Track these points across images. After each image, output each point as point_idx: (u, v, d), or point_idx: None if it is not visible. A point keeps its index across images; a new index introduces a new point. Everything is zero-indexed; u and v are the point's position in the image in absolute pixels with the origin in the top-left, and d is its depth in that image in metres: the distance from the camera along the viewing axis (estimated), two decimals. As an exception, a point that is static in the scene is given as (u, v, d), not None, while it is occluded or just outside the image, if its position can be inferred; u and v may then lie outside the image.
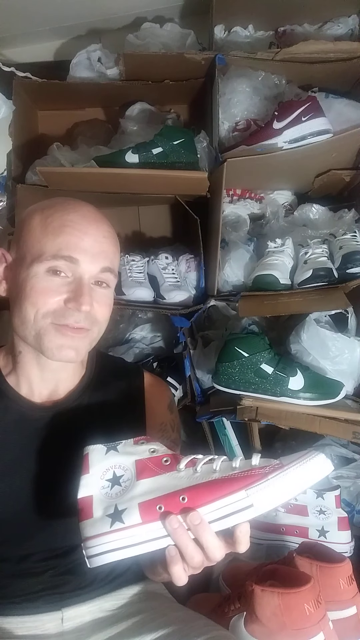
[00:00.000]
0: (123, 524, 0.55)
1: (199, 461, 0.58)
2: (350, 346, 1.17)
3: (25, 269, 0.72)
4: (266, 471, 0.54)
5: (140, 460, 0.59)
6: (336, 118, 1.29)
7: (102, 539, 0.55)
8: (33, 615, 0.72)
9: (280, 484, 0.53)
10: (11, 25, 1.61)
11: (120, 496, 0.56)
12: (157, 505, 0.55)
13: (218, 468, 0.57)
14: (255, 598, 0.78)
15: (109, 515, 0.55)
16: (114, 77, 1.46)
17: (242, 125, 1.40)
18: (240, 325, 1.35)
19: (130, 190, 1.35)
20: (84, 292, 0.71)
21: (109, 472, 0.58)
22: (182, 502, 0.55)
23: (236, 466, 0.56)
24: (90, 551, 0.56)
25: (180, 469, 0.57)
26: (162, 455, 0.59)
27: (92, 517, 0.56)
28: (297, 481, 0.53)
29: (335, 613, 0.84)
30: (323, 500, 1.13)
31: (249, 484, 0.54)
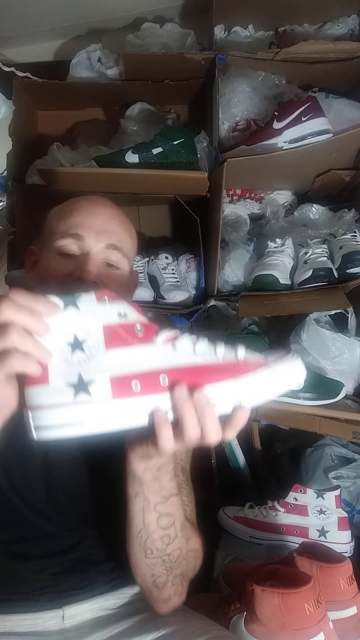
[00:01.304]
0: (90, 396, 0.47)
1: (179, 339, 0.52)
2: (350, 346, 1.17)
3: (43, 254, 0.77)
4: (254, 365, 0.52)
5: (109, 326, 0.50)
6: (336, 118, 1.29)
7: (62, 410, 0.47)
8: (34, 613, 0.72)
9: (267, 380, 0.51)
10: (11, 25, 1.61)
11: (84, 364, 0.48)
12: (132, 381, 0.49)
13: (201, 351, 0.51)
14: (255, 598, 0.77)
15: (71, 384, 0.47)
16: (114, 77, 1.46)
17: (242, 125, 1.40)
18: (240, 325, 1.34)
19: (130, 190, 1.35)
20: (88, 263, 0.72)
21: (69, 333, 0.49)
22: (162, 382, 0.50)
23: (221, 354, 0.52)
24: (43, 422, 0.47)
25: (157, 342, 0.51)
26: (134, 322, 0.51)
27: (48, 383, 0.47)
28: (282, 379, 0.52)
29: (335, 613, 0.84)
30: (323, 500, 1.14)
31: (236, 375, 0.51)
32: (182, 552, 0.67)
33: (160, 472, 0.60)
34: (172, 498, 0.63)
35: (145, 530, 0.63)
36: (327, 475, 1.18)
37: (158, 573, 0.66)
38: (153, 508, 0.62)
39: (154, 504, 0.62)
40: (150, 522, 0.63)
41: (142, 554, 0.65)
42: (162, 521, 0.63)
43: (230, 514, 1.20)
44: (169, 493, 0.62)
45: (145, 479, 0.60)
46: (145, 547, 0.64)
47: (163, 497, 0.62)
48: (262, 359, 0.52)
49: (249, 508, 1.19)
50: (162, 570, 0.66)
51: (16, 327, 0.46)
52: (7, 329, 0.46)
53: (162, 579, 0.67)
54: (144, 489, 0.61)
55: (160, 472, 0.60)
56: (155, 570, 0.66)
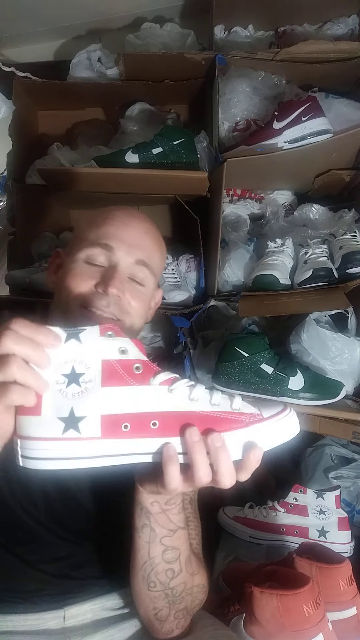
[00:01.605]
0: (79, 433, 0.47)
1: (176, 382, 0.51)
2: (350, 346, 1.17)
3: (69, 259, 0.75)
4: (246, 419, 0.51)
5: (108, 362, 0.50)
6: (336, 118, 1.29)
7: (49, 444, 0.47)
8: (35, 614, 0.72)
9: (257, 437, 0.51)
10: (11, 25, 1.61)
11: (78, 399, 0.48)
12: (122, 422, 0.49)
13: (196, 398, 0.51)
14: (254, 600, 0.78)
15: (62, 418, 0.48)
16: (114, 77, 1.47)
17: (242, 125, 1.40)
18: (240, 325, 1.34)
19: (130, 190, 1.34)
20: (114, 276, 0.70)
21: (67, 365, 0.49)
22: (152, 427, 0.49)
23: (215, 403, 0.52)
24: (29, 452, 0.48)
25: (154, 384, 0.51)
26: (133, 360, 0.51)
27: (40, 414, 0.48)
28: (274, 436, 0.52)
29: (335, 614, 0.84)
30: (323, 500, 1.13)
31: (227, 428, 0.51)
32: (186, 587, 0.66)
33: (168, 506, 0.60)
34: (179, 531, 0.63)
35: (149, 563, 0.63)
36: (327, 475, 1.18)
37: (160, 607, 0.66)
38: (159, 541, 0.62)
39: (161, 537, 0.62)
40: (156, 555, 0.63)
41: (145, 586, 0.65)
42: (168, 555, 0.63)
43: (230, 514, 1.20)
44: (176, 526, 0.62)
45: (153, 512, 0.60)
46: (149, 580, 0.64)
47: (170, 531, 0.62)
48: (256, 412, 0.52)
49: (249, 508, 1.19)
50: (165, 604, 0.65)
51: (16, 359, 0.46)
52: (8, 360, 0.46)
53: (164, 613, 0.66)
54: (151, 522, 0.61)
55: (168, 506, 0.60)
56: (158, 604, 0.66)
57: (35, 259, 1.45)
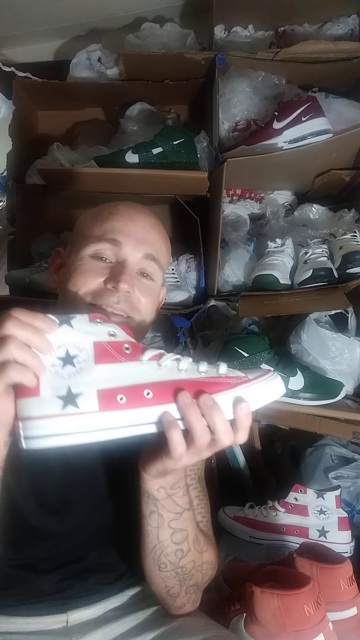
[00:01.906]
0: (77, 408, 0.49)
1: (164, 357, 0.54)
2: (350, 346, 1.17)
3: (73, 256, 0.73)
4: (233, 381, 0.54)
5: (99, 343, 0.53)
6: (336, 118, 1.29)
7: (50, 421, 0.49)
8: (37, 617, 0.72)
9: (246, 396, 0.54)
10: (11, 25, 1.61)
11: (74, 378, 0.50)
12: (117, 395, 0.51)
13: (184, 368, 0.54)
14: (255, 599, 0.77)
15: (60, 396, 0.49)
16: (114, 77, 1.47)
17: (242, 125, 1.40)
18: (240, 325, 1.34)
19: (130, 190, 1.34)
20: (124, 272, 0.69)
21: (61, 349, 0.51)
22: (146, 396, 0.51)
23: (202, 371, 0.54)
24: (31, 432, 0.49)
25: (143, 360, 0.53)
26: (122, 341, 0.54)
27: (39, 395, 0.49)
28: (261, 395, 0.54)
29: (335, 614, 0.84)
30: (323, 500, 1.13)
31: (217, 390, 0.53)
32: (195, 564, 0.68)
33: (173, 490, 0.61)
34: (185, 513, 0.64)
35: (159, 546, 0.64)
36: (327, 475, 1.18)
37: (171, 584, 0.67)
38: (167, 525, 0.63)
39: (168, 520, 0.63)
40: (165, 539, 0.64)
41: (156, 568, 0.66)
42: (176, 536, 0.64)
43: (231, 514, 1.20)
44: (182, 509, 0.63)
45: (159, 497, 0.61)
46: (159, 562, 0.65)
47: (177, 514, 0.63)
48: (242, 375, 0.55)
49: (249, 508, 1.19)
50: (176, 581, 0.67)
51: (15, 340, 0.48)
52: (7, 341, 0.47)
53: (176, 590, 0.68)
54: (158, 507, 0.62)
55: (173, 490, 0.61)
56: (169, 582, 0.67)
57: (35, 259, 1.45)
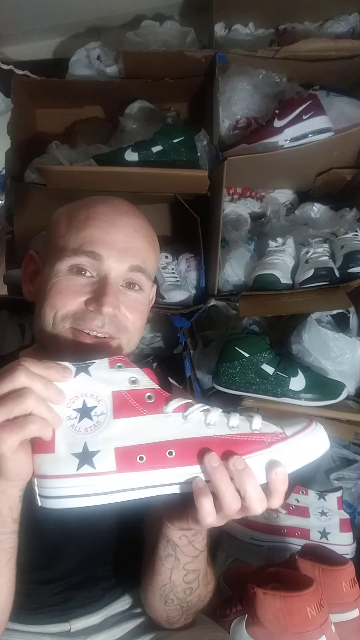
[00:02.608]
0: (93, 469, 0.47)
1: (190, 408, 0.49)
2: (352, 346, 1.16)
3: (48, 268, 0.65)
4: (268, 439, 0.49)
5: (119, 393, 0.49)
6: (337, 116, 1.28)
7: (65, 481, 0.47)
8: (40, 625, 0.71)
9: (283, 457, 0.48)
10: (10, 22, 1.60)
11: (91, 433, 0.48)
12: (137, 454, 0.47)
13: (213, 422, 0.49)
14: (257, 601, 0.77)
15: (76, 454, 0.47)
16: (114, 75, 1.46)
17: (243, 124, 1.39)
18: (240, 325, 1.34)
19: (129, 188, 1.34)
20: (107, 292, 0.61)
21: (78, 400, 0.48)
22: (168, 456, 0.47)
23: (233, 425, 0.49)
24: (46, 492, 0.47)
25: (167, 412, 0.49)
26: (145, 389, 0.50)
27: (54, 452, 0.47)
28: (299, 456, 0.49)
29: (337, 616, 0.84)
30: (325, 501, 1.13)
31: (248, 451, 0.48)
32: (200, 597, 0.67)
33: (195, 537, 0.59)
34: (201, 555, 0.62)
35: (170, 585, 0.63)
36: (328, 477, 1.17)
37: (173, 615, 0.67)
38: (182, 567, 0.61)
39: (184, 563, 0.61)
40: (177, 579, 0.62)
41: (162, 603, 0.64)
42: (188, 577, 0.62)
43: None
44: (199, 552, 0.61)
45: (180, 544, 0.59)
46: (167, 598, 0.64)
47: (193, 557, 0.61)
48: (279, 431, 0.50)
49: (250, 509, 1.19)
50: (178, 613, 0.66)
51: (32, 392, 0.46)
52: (24, 393, 0.45)
53: (176, 619, 0.68)
54: (177, 553, 0.60)
55: (195, 537, 0.59)
56: (172, 614, 0.66)
57: (34, 258, 1.44)
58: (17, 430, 0.45)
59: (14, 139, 1.45)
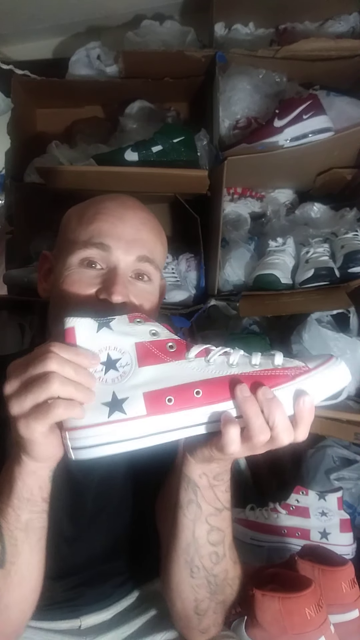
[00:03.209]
0: (125, 414, 0.48)
1: (212, 352, 0.51)
2: (352, 346, 1.16)
3: (60, 263, 0.68)
4: (292, 373, 0.50)
5: (141, 343, 0.50)
6: (337, 116, 1.28)
7: (98, 429, 0.47)
8: (51, 622, 0.71)
9: (308, 388, 0.49)
10: (10, 22, 1.60)
11: (119, 383, 0.49)
12: (166, 396, 0.48)
13: (235, 362, 0.50)
14: (255, 602, 0.76)
15: (106, 403, 0.48)
16: (113, 74, 1.45)
17: (243, 123, 1.39)
18: (241, 325, 1.33)
19: (129, 188, 1.33)
20: (116, 282, 0.63)
21: (103, 353, 0.50)
22: (196, 396, 0.48)
23: (256, 363, 0.50)
24: (78, 442, 0.48)
25: (190, 358, 0.50)
26: (166, 340, 0.51)
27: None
28: (324, 386, 0.50)
29: (337, 617, 0.84)
30: (325, 502, 1.13)
31: (274, 384, 0.49)
32: (227, 575, 0.64)
33: (216, 481, 0.58)
34: (225, 512, 0.61)
35: (194, 544, 0.60)
36: (328, 477, 1.17)
37: (201, 597, 0.63)
38: (205, 519, 0.59)
39: (207, 514, 0.59)
40: (201, 536, 0.60)
41: (188, 572, 0.62)
42: (213, 536, 0.61)
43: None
44: (222, 506, 0.60)
45: (200, 485, 0.58)
46: (192, 564, 0.61)
47: (216, 509, 0.59)
48: (301, 365, 0.50)
49: (250, 510, 1.18)
50: (206, 593, 0.63)
51: (57, 376, 0.46)
52: (49, 378, 0.46)
53: (205, 605, 0.64)
54: (198, 497, 0.58)
55: (216, 481, 0.58)
56: (199, 594, 0.63)
57: (34, 258, 1.44)
58: (43, 416, 0.46)
59: (14, 138, 1.45)
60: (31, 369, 0.47)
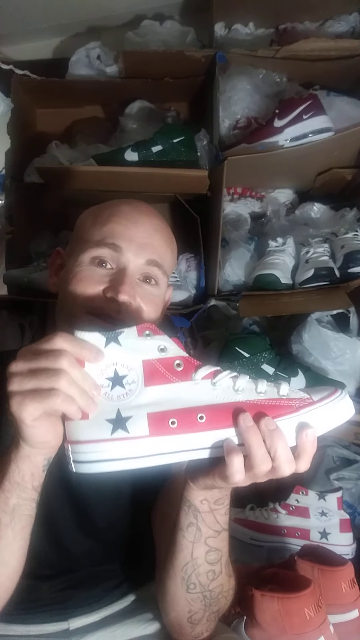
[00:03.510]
0: (127, 433, 0.48)
1: (219, 375, 0.51)
2: (352, 346, 1.16)
3: (72, 259, 0.70)
4: (296, 404, 0.50)
5: (149, 362, 0.51)
6: (337, 116, 1.28)
7: (99, 445, 0.48)
8: (39, 625, 0.71)
9: (311, 421, 0.49)
10: (10, 22, 1.60)
11: (124, 400, 0.49)
12: (169, 419, 0.49)
13: (241, 388, 0.50)
14: (255, 603, 0.77)
15: (109, 420, 0.49)
16: (113, 74, 1.45)
17: (243, 123, 1.39)
18: (241, 325, 1.33)
19: (129, 188, 1.33)
20: (124, 281, 0.65)
21: (110, 369, 0.50)
22: (199, 420, 0.49)
23: (261, 391, 0.50)
24: (80, 456, 0.49)
25: (196, 379, 0.51)
26: (174, 357, 0.51)
27: (88, 418, 0.49)
28: (327, 420, 0.50)
29: (337, 616, 0.84)
30: (325, 502, 1.13)
31: (277, 415, 0.49)
32: (223, 589, 0.65)
33: (217, 505, 0.59)
34: (223, 533, 0.61)
35: (192, 564, 0.61)
36: (328, 477, 1.17)
37: (196, 609, 0.64)
38: (204, 541, 0.60)
39: (206, 537, 0.60)
40: (199, 556, 0.61)
41: (184, 589, 0.63)
42: (210, 556, 0.61)
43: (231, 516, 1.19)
44: (221, 528, 0.61)
45: (201, 510, 0.58)
46: (189, 582, 0.62)
47: (215, 532, 0.60)
48: (306, 397, 0.51)
49: (250, 510, 1.18)
50: (201, 606, 0.64)
51: (67, 374, 0.47)
52: (58, 372, 0.46)
53: (199, 616, 0.65)
54: (198, 521, 0.59)
55: (217, 505, 0.59)
56: (194, 607, 0.64)
57: (34, 258, 1.44)
58: (40, 399, 0.46)
59: (14, 138, 1.44)
60: (43, 360, 0.47)
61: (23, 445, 0.51)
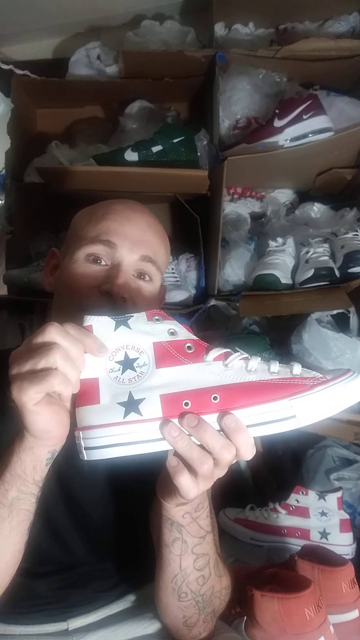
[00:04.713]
0: (140, 416, 0.47)
1: (231, 356, 0.50)
2: (352, 346, 1.16)
3: (67, 257, 0.71)
4: (311, 383, 0.49)
5: (159, 344, 0.50)
6: (337, 116, 1.28)
7: (113, 429, 0.47)
8: (37, 625, 0.71)
9: (326, 399, 0.48)
10: (10, 22, 1.60)
11: (135, 383, 0.48)
12: (183, 400, 0.48)
13: (254, 369, 0.49)
14: (255, 603, 0.77)
15: (122, 403, 0.48)
16: (113, 74, 1.45)
17: (243, 123, 1.39)
18: (240, 325, 1.33)
19: (129, 188, 1.33)
20: (119, 277, 0.66)
21: (120, 352, 0.49)
22: (213, 401, 0.48)
23: (275, 371, 0.50)
24: (92, 442, 0.47)
25: (208, 361, 0.50)
26: (184, 340, 0.51)
27: (99, 403, 0.48)
28: (342, 398, 0.49)
29: (337, 617, 0.84)
30: (325, 501, 1.13)
31: (292, 393, 0.48)
32: (214, 590, 0.65)
33: (198, 512, 0.58)
34: (208, 536, 0.61)
35: (181, 575, 0.61)
36: (328, 477, 1.17)
37: (190, 614, 0.64)
38: (191, 551, 0.60)
39: (192, 546, 0.60)
40: (187, 566, 0.61)
41: (176, 598, 0.63)
42: (198, 562, 0.61)
43: (231, 516, 1.19)
44: (205, 532, 0.61)
45: (184, 523, 0.58)
46: (180, 591, 0.62)
47: (200, 538, 0.60)
48: (319, 375, 0.50)
49: (250, 510, 1.18)
50: (195, 611, 0.64)
51: (60, 349, 0.46)
52: (52, 348, 0.46)
53: (194, 619, 0.65)
54: (183, 534, 0.59)
55: (198, 512, 0.58)
56: (188, 612, 0.64)
57: (34, 258, 1.44)
58: (37, 381, 0.45)
59: (14, 138, 1.45)
60: (39, 337, 0.47)
61: (27, 436, 0.51)
